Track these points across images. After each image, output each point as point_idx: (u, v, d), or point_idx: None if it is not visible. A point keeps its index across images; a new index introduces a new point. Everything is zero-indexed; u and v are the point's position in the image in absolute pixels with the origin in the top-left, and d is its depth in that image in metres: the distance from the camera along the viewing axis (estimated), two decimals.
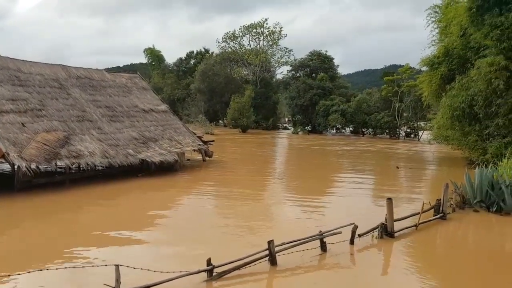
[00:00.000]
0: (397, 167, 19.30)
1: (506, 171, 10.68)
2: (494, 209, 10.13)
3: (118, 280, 4.84)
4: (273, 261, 6.28)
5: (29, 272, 5.30)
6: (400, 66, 44.32)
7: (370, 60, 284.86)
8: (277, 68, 56.00)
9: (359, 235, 7.57)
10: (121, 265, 4.97)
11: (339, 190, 14.03)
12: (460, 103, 18.16)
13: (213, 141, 20.74)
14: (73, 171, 12.78)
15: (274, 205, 11.19)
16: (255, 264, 6.07)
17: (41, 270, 5.39)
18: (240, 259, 5.97)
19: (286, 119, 63.22)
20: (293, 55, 54.41)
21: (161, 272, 5.34)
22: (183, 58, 64.90)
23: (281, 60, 54.60)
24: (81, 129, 13.28)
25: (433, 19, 23.07)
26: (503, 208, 10.08)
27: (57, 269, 5.34)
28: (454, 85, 19.19)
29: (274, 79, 56.09)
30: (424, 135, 39.81)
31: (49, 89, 14.01)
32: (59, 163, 11.45)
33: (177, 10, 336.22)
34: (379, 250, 7.59)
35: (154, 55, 64.36)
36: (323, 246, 7.03)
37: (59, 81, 14.70)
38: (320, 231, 7.06)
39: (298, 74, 53.75)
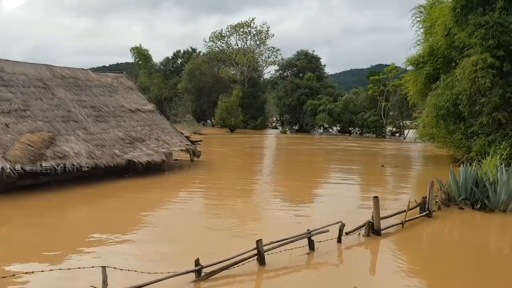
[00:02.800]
0: (382, 166, 19.50)
1: (490, 169, 10.88)
2: (479, 206, 10.31)
3: (105, 282, 4.79)
4: (261, 261, 6.29)
5: (13, 275, 5.22)
6: (386, 65, 44.80)
7: (356, 60, 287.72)
8: (264, 68, 56.04)
9: (346, 233, 7.63)
10: (107, 267, 4.92)
11: (326, 189, 14.12)
12: (445, 102, 18.45)
13: (201, 141, 20.69)
14: (58, 172, 12.59)
15: (262, 204, 11.20)
16: (243, 264, 6.07)
17: (26, 272, 5.31)
18: (229, 259, 5.96)
19: (274, 119, 63.35)
20: (280, 54, 54.50)
21: (149, 273, 5.30)
22: (170, 57, 64.55)
23: (269, 60, 54.61)
24: (66, 130, 13.09)
25: (418, 19, 23.42)
26: (487, 205, 10.26)
27: (42, 271, 5.25)
28: (439, 84, 19.50)
29: (261, 79, 56.08)
30: (410, 134, 40.34)
31: (33, 89, 13.77)
32: (44, 164, 11.27)
33: (166, 11, 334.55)
34: (366, 248, 7.66)
35: (141, 54, 63.77)
36: (311, 245, 7.06)
37: (43, 81, 14.46)
38: (308, 230, 7.08)
39: (285, 74, 53.92)
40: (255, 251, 6.24)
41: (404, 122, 43.06)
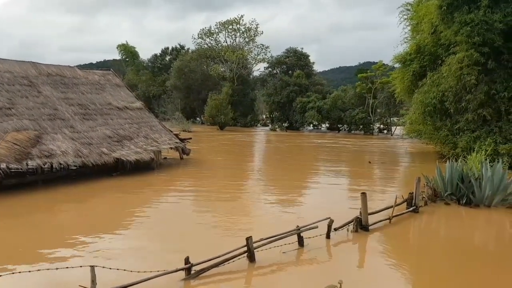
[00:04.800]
0: (369, 162, 19.68)
1: (475, 165, 11.07)
2: (464, 201, 10.50)
3: (93, 281, 4.77)
4: (251, 258, 6.32)
5: (0, 276, 5.15)
6: (374, 63, 45.10)
7: (344, 57, 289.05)
8: (254, 65, 55.95)
9: (335, 229, 7.71)
10: (96, 266, 4.89)
11: (315, 185, 14.22)
12: (432, 99, 18.72)
13: (190, 138, 20.59)
14: (45, 171, 12.44)
15: (252, 202, 11.23)
16: (233, 261, 6.09)
17: (13, 273, 5.26)
18: (219, 257, 5.97)
19: (264, 116, 63.37)
20: (269, 52, 54.47)
21: (138, 272, 5.29)
22: (158, 54, 64.04)
23: (258, 57, 54.56)
24: (53, 128, 12.93)
25: (405, 16, 23.68)
26: (472, 201, 10.47)
27: (29, 271, 5.20)
28: (425, 81, 19.76)
29: (251, 76, 56.01)
30: (397, 130, 40.77)
31: (19, 87, 13.55)
32: (30, 163, 11.12)
33: (154, 8, 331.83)
34: (354, 243, 7.75)
35: (128, 51, 63.13)
36: (300, 241, 7.12)
37: (29, 79, 14.24)
38: (297, 226, 7.14)
39: (275, 71, 53.95)
40: (245, 248, 6.27)
41: (391, 119, 43.49)
